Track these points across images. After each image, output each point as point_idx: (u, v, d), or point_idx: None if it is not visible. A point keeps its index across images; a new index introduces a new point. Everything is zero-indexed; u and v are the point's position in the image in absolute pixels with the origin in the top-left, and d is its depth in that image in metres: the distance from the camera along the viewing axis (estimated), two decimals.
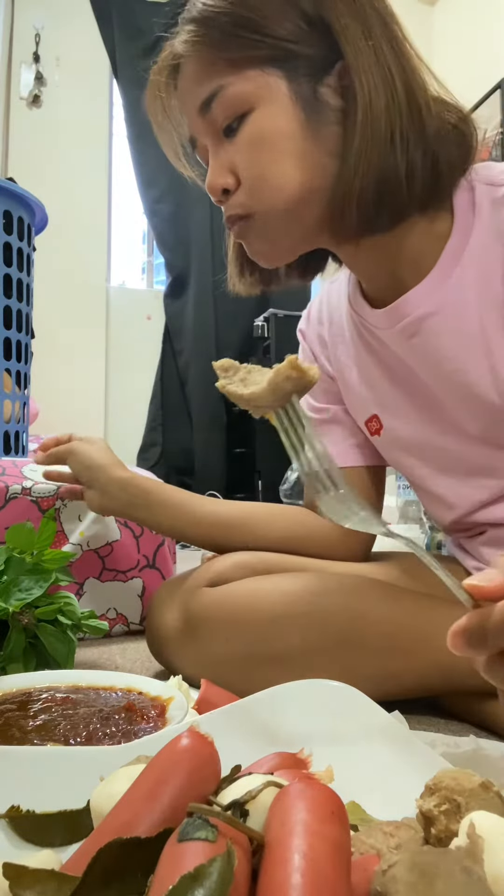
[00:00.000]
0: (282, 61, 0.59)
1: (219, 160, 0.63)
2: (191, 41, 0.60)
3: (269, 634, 0.69)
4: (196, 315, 3.45)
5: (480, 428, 0.67)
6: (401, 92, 0.57)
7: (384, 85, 0.57)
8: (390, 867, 0.23)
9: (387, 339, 0.70)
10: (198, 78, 0.61)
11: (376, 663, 0.67)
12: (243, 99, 0.60)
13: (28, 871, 0.26)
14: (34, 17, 3.31)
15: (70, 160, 3.34)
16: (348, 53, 0.57)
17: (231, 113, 0.60)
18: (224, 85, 0.60)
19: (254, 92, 0.59)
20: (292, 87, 0.59)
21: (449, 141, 0.60)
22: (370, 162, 0.57)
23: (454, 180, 0.62)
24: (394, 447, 0.78)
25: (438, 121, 0.59)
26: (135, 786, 0.29)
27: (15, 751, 0.42)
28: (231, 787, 0.28)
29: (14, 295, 1.19)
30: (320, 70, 0.59)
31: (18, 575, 0.72)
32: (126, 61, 3.38)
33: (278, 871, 0.23)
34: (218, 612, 0.73)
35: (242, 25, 0.58)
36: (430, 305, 0.65)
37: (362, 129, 0.57)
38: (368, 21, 0.58)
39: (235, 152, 0.62)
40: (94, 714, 0.53)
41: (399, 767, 0.38)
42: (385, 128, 0.57)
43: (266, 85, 0.59)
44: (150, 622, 0.82)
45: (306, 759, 0.34)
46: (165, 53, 0.64)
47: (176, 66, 0.63)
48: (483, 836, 0.25)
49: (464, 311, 0.63)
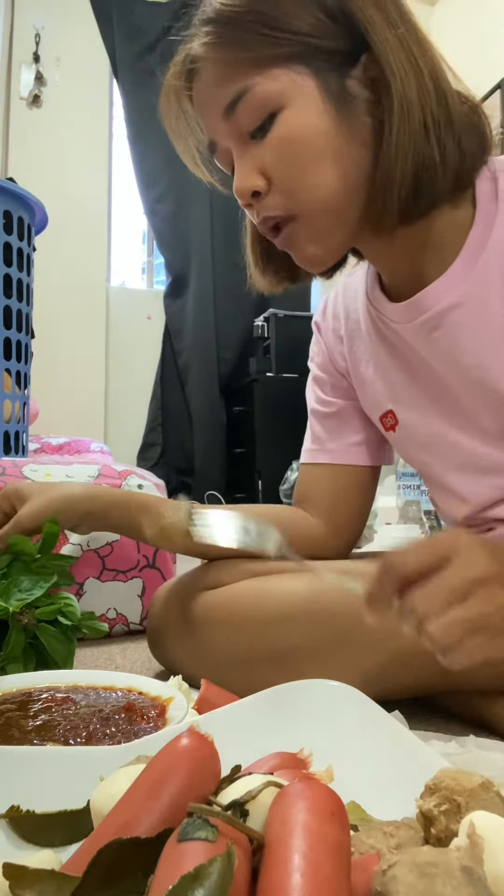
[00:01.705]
0: (307, 57, 0.57)
1: (246, 162, 0.61)
2: (210, 43, 0.58)
3: (269, 634, 0.69)
4: (196, 315, 3.45)
5: (498, 424, 0.66)
6: (429, 80, 0.57)
7: (414, 73, 0.57)
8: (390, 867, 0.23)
9: (404, 333, 0.70)
10: (220, 80, 0.59)
11: (376, 663, 0.67)
12: (271, 99, 0.58)
13: (28, 871, 0.26)
14: (34, 17, 3.31)
15: (70, 160, 3.34)
16: (376, 44, 0.56)
17: (259, 114, 0.58)
18: (250, 86, 0.58)
19: (282, 91, 0.57)
20: (320, 83, 0.58)
21: (472, 128, 0.60)
22: (408, 150, 0.57)
23: (477, 168, 0.62)
24: (409, 443, 0.77)
25: (459, 110, 0.59)
26: (135, 786, 0.29)
27: (15, 751, 0.42)
28: (231, 787, 0.28)
29: (14, 295, 1.19)
30: (346, 63, 0.58)
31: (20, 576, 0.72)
32: (126, 61, 3.38)
33: (278, 871, 0.23)
34: (218, 612, 0.73)
35: (263, 23, 0.56)
36: (454, 297, 0.64)
37: (399, 118, 0.56)
38: (390, 11, 0.57)
39: (265, 153, 0.60)
40: (94, 714, 0.53)
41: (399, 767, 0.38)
42: (418, 115, 0.57)
43: (293, 83, 0.57)
44: (150, 622, 0.82)
45: (306, 759, 0.34)
46: (181, 57, 0.62)
47: (193, 70, 0.61)
48: (483, 836, 0.25)
49: (488, 302, 0.62)
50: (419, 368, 0.71)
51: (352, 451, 0.83)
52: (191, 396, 3.47)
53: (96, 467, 1.17)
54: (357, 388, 0.82)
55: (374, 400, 0.79)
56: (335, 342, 0.83)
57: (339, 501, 0.84)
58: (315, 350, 0.87)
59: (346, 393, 0.84)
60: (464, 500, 0.74)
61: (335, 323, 0.83)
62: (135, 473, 1.19)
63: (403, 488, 2.32)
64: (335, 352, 0.83)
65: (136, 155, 3.42)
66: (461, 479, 0.73)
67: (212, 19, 0.58)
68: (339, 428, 0.84)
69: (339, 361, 0.83)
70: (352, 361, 0.81)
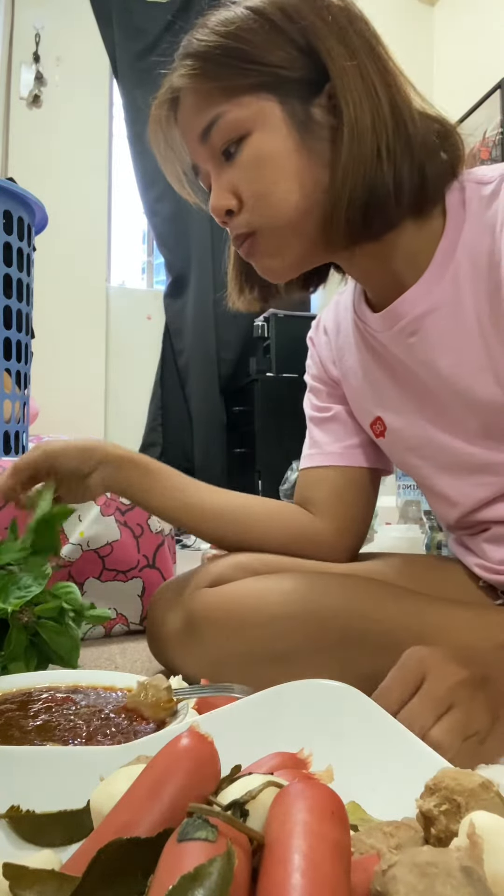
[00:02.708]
0: (274, 86, 0.62)
1: (220, 183, 0.66)
2: (188, 74, 0.64)
3: (269, 634, 0.69)
4: (196, 315, 3.45)
5: (480, 425, 0.68)
6: (385, 108, 0.60)
7: (369, 102, 0.60)
8: (390, 867, 0.23)
9: (386, 341, 0.72)
10: (196, 108, 0.65)
11: (376, 663, 0.67)
12: (240, 124, 0.63)
13: (28, 871, 0.26)
14: (34, 17, 3.31)
15: (70, 160, 3.34)
16: (334, 74, 0.60)
17: (229, 138, 0.64)
18: (221, 113, 0.63)
19: (249, 117, 0.63)
20: (286, 110, 0.62)
21: (435, 151, 0.63)
22: (357, 175, 0.60)
23: (443, 187, 0.65)
24: (398, 448, 0.79)
25: (424, 133, 0.62)
26: (135, 786, 0.29)
27: (15, 751, 0.42)
28: (231, 787, 0.28)
29: (14, 295, 1.19)
30: (311, 92, 0.62)
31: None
32: (126, 61, 3.38)
33: (278, 871, 0.23)
34: (218, 612, 0.73)
35: (235, 56, 0.61)
36: (428, 303, 0.66)
37: (349, 144, 0.60)
38: (352, 44, 0.61)
39: (236, 174, 0.64)
40: (94, 714, 0.53)
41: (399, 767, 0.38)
42: (371, 142, 0.60)
43: (260, 110, 0.62)
44: (150, 622, 0.82)
45: (306, 759, 0.34)
46: (164, 89, 0.67)
47: (175, 99, 0.67)
48: (483, 836, 0.25)
49: (461, 306, 0.65)
50: (402, 375, 0.73)
51: (350, 452, 0.84)
52: (191, 396, 3.47)
53: None
54: (348, 397, 0.84)
55: (364, 408, 0.81)
56: (328, 354, 0.86)
57: (341, 503, 0.84)
58: (310, 363, 0.90)
59: (341, 399, 0.86)
60: (455, 502, 0.75)
61: (327, 336, 0.86)
62: None
63: (403, 488, 2.32)
64: (328, 363, 0.86)
65: (136, 155, 3.42)
66: (450, 481, 0.74)
67: (189, 53, 0.64)
68: (337, 431, 0.86)
69: (332, 371, 0.86)
70: (342, 372, 0.84)
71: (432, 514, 2.19)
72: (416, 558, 0.90)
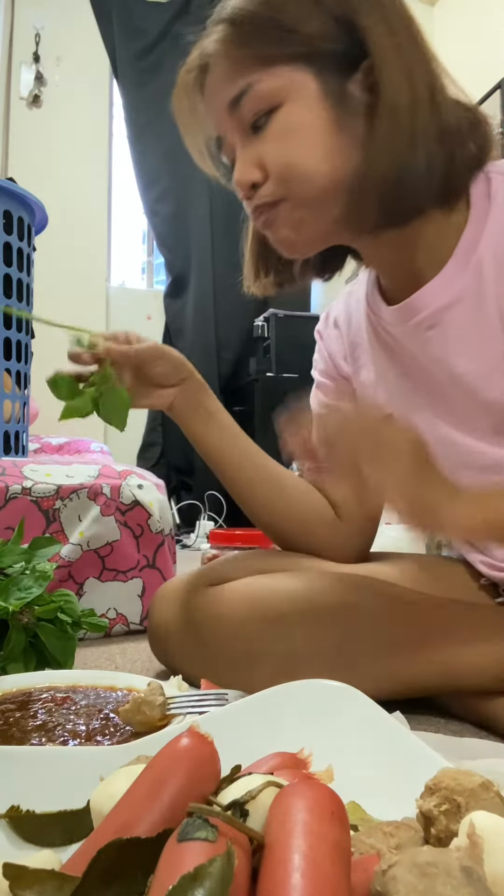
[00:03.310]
0: (310, 58, 0.60)
1: (246, 155, 0.63)
2: (221, 40, 0.61)
3: (269, 634, 0.69)
4: (196, 315, 3.45)
5: (491, 423, 0.67)
6: (423, 90, 0.59)
7: (408, 83, 0.58)
8: (390, 867, 0.23)
9: (399, 335, 0.71)
10: (227, 76, 0.62)
11: (376, 663, 0.67)
12: (272, 95, 0.61)
13: (28, 871, 0.26)
14: (34, 17, 3.31)
15: (70, 160, 3.34)
16: (373, 51, 0.58)
17: (259, 109, 0.61)
18: (253, 82, 0.61)
19: (282, 88, 0.60)
20: (321, 83, 0.60)
21: (465, 140, 0.61)
22: (392, 157, 0.58)
23: (471, 175, 0.63)
24: None
25: (457, 120, 0.60)
26: (135, 786, 0.29)
27: (15, 751, 0.42)
28: (231, 787, 0.28)
29: (14, 295, 1.19)
30: (347, 67, 0.60)
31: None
32: (126, 61, 3.38)
33: (278, 871, 0.23)
34: (219, 611, 0.73)
35: (271, 23, 0.59)
36: (450, 295, 0.65)
37: (386, 125, 0.58)
38: (392, 21, 0.59)
39: (263, 147, 0.62)
40: (94, 714, 0.53)
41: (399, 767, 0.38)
42: (407, 124, 0.58)
43: (294, 81, 0.60)
44: (151, 622, 0.82)
45: (306, 759, 0.34)
46: (194, 54, 0.65)
47: (205, 65, 0.64)
48: (483, 836, 0.25)
49: (483, 299, 0.63)
50: (416, 371, 0.72)
51: None
52: None
53: (96, 467, 1.17)
54: (359, 393, 0.82)
55: (375, 404, 0.79)
56: (338, 348, 0.84)
57: (348, 500, 0.83)
58: (318, 358, 0.88)
59: (350, 395, 0.84)
60: None
61: (337, 330, 0.84)
62: (135, 473, 1.19)
63: None
64: (338, 357, 0.84)
65: (136, 155, 3.42)
66: (463, 480, 0.73)
67: (225, 18, 0.61)
68: None
69: (342, 367, 0.84)
70: (354, 368, 0.82)
71: None
72: (417, 558, 0.89)
